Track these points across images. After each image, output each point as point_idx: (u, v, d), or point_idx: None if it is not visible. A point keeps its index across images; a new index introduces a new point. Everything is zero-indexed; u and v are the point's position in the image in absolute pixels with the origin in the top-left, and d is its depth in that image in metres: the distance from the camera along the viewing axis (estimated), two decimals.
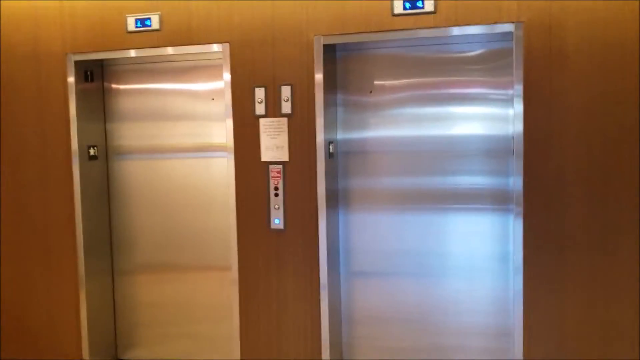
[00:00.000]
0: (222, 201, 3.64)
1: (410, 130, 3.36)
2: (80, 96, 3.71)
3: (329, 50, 3.29)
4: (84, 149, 3.74)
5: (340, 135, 3.44)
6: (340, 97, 3.43)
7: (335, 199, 3.43)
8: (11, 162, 3.84)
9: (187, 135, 3.75)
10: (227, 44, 3.37)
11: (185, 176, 3.79)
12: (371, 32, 3.14)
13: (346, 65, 3.41)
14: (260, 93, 3.31)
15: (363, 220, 3.47)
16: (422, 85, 3.33)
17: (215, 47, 3.39)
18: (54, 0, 3.64)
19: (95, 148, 3.84)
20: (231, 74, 3.36)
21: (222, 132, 3.57)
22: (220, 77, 3.51)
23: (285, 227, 3.35)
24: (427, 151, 3.34)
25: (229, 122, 3.39)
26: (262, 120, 3.33)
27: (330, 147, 3.34)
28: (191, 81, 3.71)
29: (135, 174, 3.89)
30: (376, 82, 3.38)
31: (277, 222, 3.35)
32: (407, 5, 3.09)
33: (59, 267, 3.80)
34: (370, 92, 3.39)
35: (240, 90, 3.36)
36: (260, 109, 3.32)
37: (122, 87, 3.86)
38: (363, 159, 3.44)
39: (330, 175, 3.35)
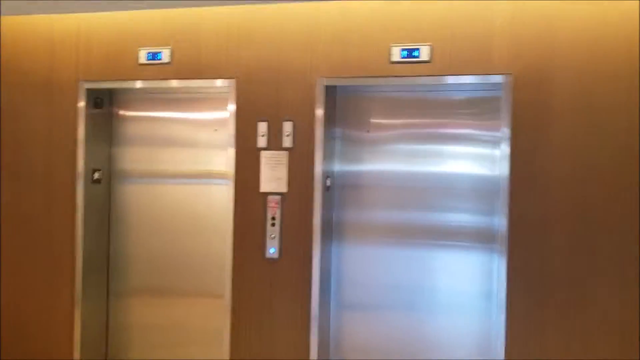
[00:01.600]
0: (220, 228, 3.77)
1: (403, 166, 3.54)
2: (89, 121, 3.87)
3: (330, 91, 3.49)
4: (89, 172, 3.88)
5: (338, 168, 3.61)
6: (338, 133, 3.61)
7: (329, 231, 3.58)
8: (18, 179, 3.97)
9: (189, 162, 3.91)
10: (234, 80, 3.56)
11: (185, 202, 3.93)
12: (370, 77, 3.35)
13: (346, 105, 3.61)
14: (263, 127, 3.50)
15: (355, 252, 3.62)
16: (415, 125, 3.53)
17: (222, 82, 3.59)
18: (70, 30, 3.83)
19: (100, 172, 3.98)
20: (236, 107, 3.55)
21: (224, 160, 3.73)
22: (224, 108, 3.69)
23: (280, 257, 3.50)
24: (418, 187, 3.52)
25: (231, 152, 3.56)
26: (263, 153, 3.50)
27: (328, 181, 3.51)
28: (196, 111, 3.89)
29: (136, 198, 4.03)
30: (373, 121, 3.58)
31: (272, 251, 3.49)
32: (404, 53, 3.31)
33: (57, 285, 3.90)
34: (368, 131, 3.59)
35: (244, 122, 3.54)
36: (262, 142, 3.50)
37: (129, 113, 4.04)
38: (358, 193, 3.61)
39: (326, 208, 3.51)
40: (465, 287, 3.46)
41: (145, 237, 4.01)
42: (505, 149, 3.17)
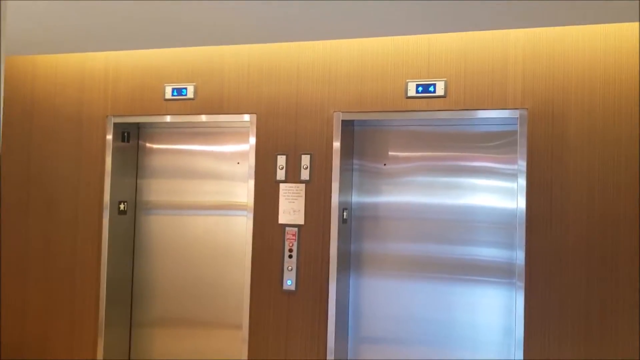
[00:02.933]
0: (240, 259, 3.84)
1: (419, 198, 3.57)
2: (116, 154, 4.02)
3: (347, 124, 3.56)
4: (115, 203, 4.01)
5: (355, 200, 3.66)
6: (356, 166, 3.67)
7: (346, 263, 3.61)
8: (47, 211, 4.12)
9: (211, 193, 4.01)
10: (255, 115, 3.67)
11: (206, 233, 4.02)
12: (386, 111, 3.42)
13: (363, 138, 3.67)
14: (281, 160, 3.58)
15: (372, 285, 3.63)
16: (432, 158, 3.57)
17: (244, 117, 3.70)
18: (99, 67, 4.02)
19: (125, 203, 4.11)
20: (256, 141, 3.65)
21: (244, 192, 3.81)
22: (245, 142, 3.79)
23: (297, 289, 3.53)
24: (435, 220, 3.54)
25: (251, 184, 3.64)
26: (281, 185, 3.58)
27: (344, 213, 3.56)
28: (219, 144, 4.01)
29: (160, 229, 4.14)
30: (390, 154, 3.63)
31: (289, 283, 3.53)
32: (420, 89, 3.38)
33: (81, 314, 4.00)
34: (384, 164, 3.64)
35: (264, 156, 3.63)
36: (281, 174, 3.58)
37: (155, 146, 4.18)
38: (375, 225, 3.64)
39: (343, 240, 3.54)
40: (482, 322, 3.43)
41: (167, 267, 4.10)
42: (521, 182, 3.18)
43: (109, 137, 3.98)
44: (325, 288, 3.48)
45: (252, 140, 3.66)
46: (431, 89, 3.35)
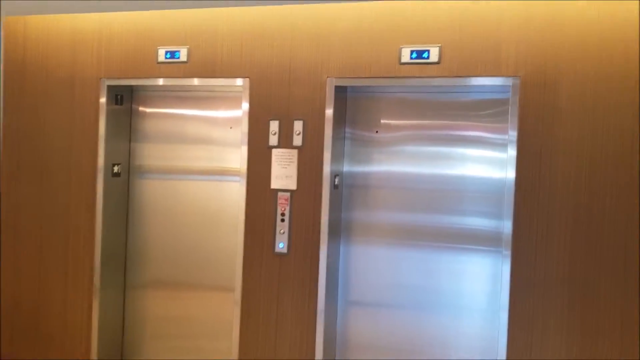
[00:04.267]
0: (232, 224, 3.87)
1: (411, 167, 3.59)
2: (110, 117, 4.01)
3: (340, 91, 3.56)
4: (108, 166, 4.02)
5: (347, 168, 3.68)
6: (348, 133, 3.68)
7: (337, 229, 3.66)
8: (40, 173, 4.13)
9: (204, 159, 4.03)
10: (247, 79, 3.66)
11: (199, 198, 4.05)
12: (380, 77, 3.41)
13: (355, 105, 3.67)
14: (274, 125, 3.59)
15: (362, 251, 3.68)
16: (424, 126, 3.58)
17: (237, 82, 3.69)
18: (92, 29, 3.98)
19: (119, 166, 4.12)
20: (249, 106, 3.65)
21: (237, 158, 3.83)
22: (238, 107, 3.79)
23: (289, 252, 3.58)
24: (426, 189, 3.57)
25: (244, 150, 3.66)
26: (274, 151, 3.59)
27: (336, 179, 3.58)
28: (212, 109, 4.01)
29: (153, 193, 4.16)
30: (382, 121, 3.64)
31: (281, 246, 3.58)
32: (414, 55, 3.36)
33: (76, 276, 4.05)
34: (377, 131, 3.65)
35: (257, 121, 3.64)
36: (273, 140, 3.59)
37: (148, 110, 4.17)
38: (366, 193, 3.67)
39: (334, 205, 3.58)
40: (468, 288, 3.50)
41: (161, 231, 4.14)
42: (512, 152, 3.20)
43: (102, 99, 3.97)
44: (316, 251, 3.53)
45: (245, 105, 3.66)
46: (425, 55, 3.34)
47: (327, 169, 3.50)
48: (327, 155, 3.50)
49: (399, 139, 3.62)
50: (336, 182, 3.59)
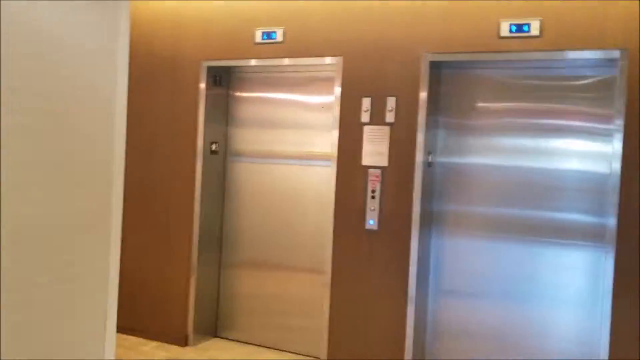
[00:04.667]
0: (324, 207, 3.93)
1: (508, 158, 3.48)
2: (209, 99, 4.18)
3: (435, 67, 3.51)
4: (207, 145, 4.20)
5: (440, 143, 3.63)
6: (442, 111, 3.63)
7: (429, 214, 3.61)
8: (143, 152, 4.38)
9: (295, 142, 4.11)
10: (341, 57, 3.69)
11: (292, 181, 4.13)
12: (477, 52, 3.33)
13: (450, 82, 3.61)
14: (366, 103, 3.60)
15: (455, 241, 3.61)
16: (524, 111, 3.45)
17: (330, 60, 3.73)
18: (193, 13, 4.17)
19: (217, 144, 4.29)
20: (342, 83, 3.68)
21: (328, 142, 3.87)
22: (330, 89, 3.84)
23: (379, 228, 3.58)
24: (523, 181, 3.44)
25: (336, 126, 3.69)
26: (366, 128, 3.60)
27: (429, 156, 3.54)
28: (305, 91, 4.08)
29: (247, 176, 4.30)
30: (479, 103, 3.55)
31: (371, 222, 3.59)
32: (513, 28, 3.26)
33: (175, 254, 4.26)
34: (473, 111, 3.57)
35: (349, 99, 3.66)
36: (365, 117, 3.60)
37: (244, 94, 4.31)
38: (460, 178, 3.60)
39: (427, 184, 3.54)
40: (564, 282, 3.34)
41: (254, 213, 4.27)
42: (617, 143, 3.02)
43: (202, 83, 4.14)
44: (407, 231, 3.51)
45: (338, 83, 3.70)
46: (525, 28, 3.22)
47: (420, 144, 3.47)
48: (420, 132, 3.46)
49: (495, 122, 3.52)
50: (429, 159, 3.55)
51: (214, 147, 4.26)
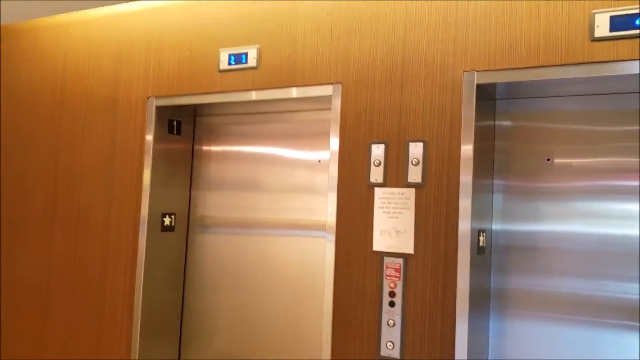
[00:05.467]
0: (318, 296, 2.62)
1: (593, 226, 2.12)
2: (161, 153, 2.96)
3: (485, 92, 2.21)
4: (156, 218, 2.94)
5: (497, 219, 2.28)
6: (498, 161, 2.30)
7: (482, 319, 2.23)
8: (75, 221, 3.15)
9: (286, 209, 2.83)
10: (339, 85, 2.43)
11: (278, 258, 2.83)
12: (553, 65, 2.02)
13: (509, 118, 2.30)
14: (378, 151, 2.29)
15: (525, 337, 2.21)
16: (614, 167, 2.11)
17: (323, 90, 2.47)
18: (140, 26, 3.00)
19: (172, 217, 3.03)
20: (341, 123, 2.40)
21: (324, 207, 2.59)
22: (327, 132, 2.57)
23: (402, 356, 2.20)
24: (612, 253, 2.07)
25: (333, 189, 2.39)
26: (378, 191, 2.28)
27: (481, 238, 2.18)
28: (294, 136, 2.83)
29: (219, 251, 3.02)
30: (555, 147, 2.22)
31: (390, 347, 2.21)
32: (614, 26, 1.96)
33: (110, 353, 2.95)
34: (548, 159, 2.23)
35: (352, 147, 2.37)
36: (377, 173, 2.29)
37: (212, 148, 3.08)
38: (527, 256, 2.23)
39: (478, 279, 2.17)
40: None
41: (228, 298, 2.98)
42: None
43: (149, 130, 2.93)
44: (448, 357, 2.12)
45: (335, 123, 2.42)
46: (637, 22, 1.92)
47: (465, 218, 2.11)
48: (465, 195, 2.12)
49: (578, 187, 2.17)
50: (481, 243, 2.19)
51: (167, 221, 3.00)
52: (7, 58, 3.49)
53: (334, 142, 2.40)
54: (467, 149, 2.12)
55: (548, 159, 2.22)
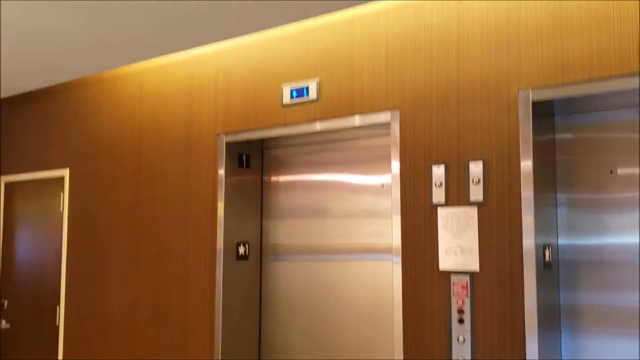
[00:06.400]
0: (389, 317, 2.68)
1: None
2: (232, 186, 3.14)
3: (543, 112, 2.24)
4: (231, 248, 3.11)
5: (563, 228, 2.29)
6: (560, 176, 2.31)
7: (553, 332, 2.22)
8: (156, 259, 3.36)
9: (352, 234, 2.92)
10: (397, 111, 2.52)
11: (352, 283, 2.91)
12: (608, 78, 2.04)
13: (569, 131, 2.31)
14: (439, 172, 2.36)
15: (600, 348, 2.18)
16: None
17: (382, 117, 2.57)
18: (208, 72, 3.22)
19: (246, 246, 3.19)
20: (400, 147, 2.49)
21: (390, 230, 2.66)
22: (388, 162, 2.66)
23: None
24: None
25: (396, 211, 2.47)
26: (441, 211, 2.34)
27: (547, 253, 2.20)
28: (357, 171, 2.93)
29: (291, 279, 3.13)
30: (620, 158, 2.21)
31: None
32: None
33: None
34: (611, 171, 2.22)
35: (413, 169, 2.45)
36: (439, 194, 2.35)
37: (280, 178, 3.23)
38: (599, 272, 2.21)
39: (545, 294, 2.17)
40: None
41: (303, 326, 3.07)
42: None
43: (221, 164, 3.11)
44: None
45: (395, 147, 2.51)
46: None
47: (529, 232, 2.14)
48: (527, 211, 2.15)
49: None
50: (547, 258, 2.20)
51: (241, 250, 3.16)
52: (94, 104, 3.81)
53: (395, 166, 2.49)
54: (526, 165, 2.16)
55: (611, 171, 2.22)
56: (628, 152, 2.20)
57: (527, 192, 2.15)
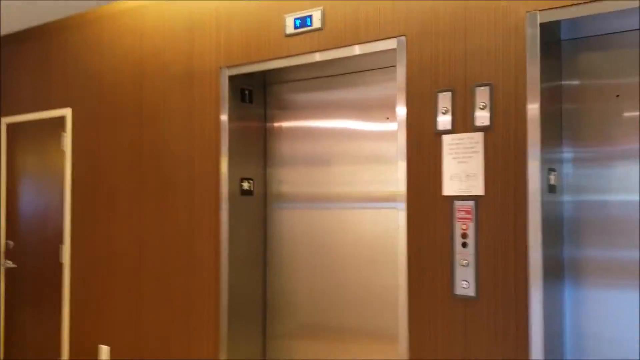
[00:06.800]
0: (393, 260, 2.73)
1: None
2: (235, 119, 3.13)
3: (550, 34, 2.22)
4: (236, 183, 3.12)
5: (567, 157, 2.30)
6: (566, 100, 2.31)
7: (557, 263, 2.26)
8: (161, 195, 3.38)
9: (357, 181, 2.94)
10: (403, 38, 2.50)
11: (353, 229, 2.95)
12: None
13: (576, 55, 2.30)
14: (445, 99, 2.35)
15: (604, 296, 2.23)
16: None
17: (388, 44, 2.54)
18: (209, 8, 3.17)
19: (250, 182, 3.20)
20: (407, 75, 2.47)
21: (395, 176, 2.67)
22: (394, 96, 2.65)
23: (478, 294, 2.27)
24: None
25: (402, 139, 2.47)
26: (446, 138, 2.35)
27: (551, 176, 2.21)
28: (361, 117, 2.92)
29: (295, 225, 3.17)
30: (624, 81, 2.20)
31: (464, 285, 2.29)
32: None
33: (199, 330, 3.17)
34: (617, 95, 2.22)
35: (419, 96, 2.44)
36: (444, 121, 2.35)
37: (283, 123, 3.22)
38: (603, 209, 2.24)
39: (551, 219, 2.21)
40: None
41: (308, 270, 3.12)
42: None
43: (224, 95, 3.10)
44: (523, 293, 2.18)
45: (401, 75, 2.49)
46: None
47: (534, 157, 2.15)
48: (533, 136, 2.16)
49: None
50: (552, 182, 2.22)
51: (246, 185, 3.18)
52: (95, 41, 3.76)
53: (401, 94, 2.48)
54: (533, 87, 2.15)
55: (617, 95, 2.21)
56: (634, 75, 2.18)
57: (533, 109, 2.15)
